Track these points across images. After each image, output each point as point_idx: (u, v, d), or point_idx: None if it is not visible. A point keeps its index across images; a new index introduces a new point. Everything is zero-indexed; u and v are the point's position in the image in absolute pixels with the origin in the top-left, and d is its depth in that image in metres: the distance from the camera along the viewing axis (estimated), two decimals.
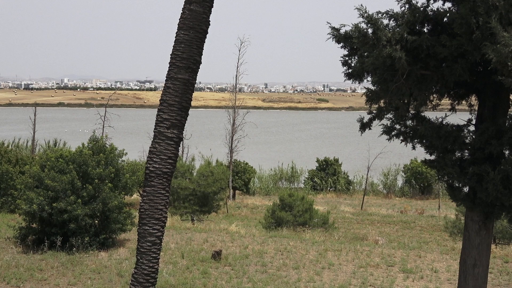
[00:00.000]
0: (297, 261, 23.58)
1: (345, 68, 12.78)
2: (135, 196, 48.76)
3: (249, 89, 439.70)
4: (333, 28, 12.30)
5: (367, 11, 11.67)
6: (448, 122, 12.98)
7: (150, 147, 13.17)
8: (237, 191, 63.46)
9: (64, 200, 23.21)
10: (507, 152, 12.46)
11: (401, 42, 11.32)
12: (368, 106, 13.17)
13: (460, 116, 13.47)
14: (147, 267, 13.22)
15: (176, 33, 13.01)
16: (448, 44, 11.09)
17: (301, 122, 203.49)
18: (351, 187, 72.69)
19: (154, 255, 13.28)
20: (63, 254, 22.75)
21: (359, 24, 11.74)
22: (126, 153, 27.86)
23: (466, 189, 13.07)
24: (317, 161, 73.01)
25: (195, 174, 41.11)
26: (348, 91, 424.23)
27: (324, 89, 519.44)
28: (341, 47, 12.48)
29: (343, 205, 56.72)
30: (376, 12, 11.79)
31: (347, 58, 12.65)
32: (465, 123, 13.10)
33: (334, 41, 12.35)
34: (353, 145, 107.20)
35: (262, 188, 71.53)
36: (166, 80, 13.14)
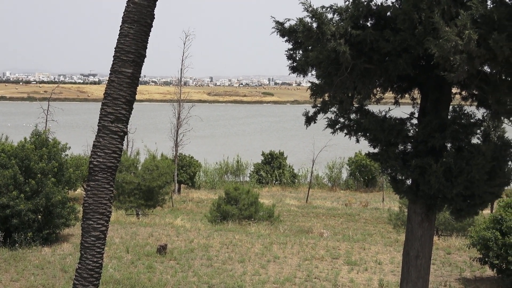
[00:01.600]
0: (243, 254, 23.63)
1: (289, 62, 12.80)
2: (79, 191, 48.27)
3: (195, 82, 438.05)
4: (277, 22, 12.32)
5: (312, 5, 11.71)
6: (392, 116, 13.13)
7: (94, 141, 12.99)
8: (182, 185, 63.19)
9: (6, 195, 22.84)
10: (449, 145, 12.65)
11: (345, 36, 11.38)
12: (313, 99, 13.23)
13: (403, 109, 13.64)
14: (91, 262, 13.06)
15: (120, 26, 12.84)
16: (392, 39, 11.19)
17: (246, 116, 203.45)
18: (296, 180, 72.90)
19: (99, 250, 13.14)
20: (5, 250, 22.41)
21: (303, 18, 11.77)
22: (70, 147, 27.63)
23: (409, 181, 13.24)
24: (263, 154, 73.07)
25: (140, 168, 40.94)
26: (293, 85, 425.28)
27: (269, 82, 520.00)
28: (286, 41, 12.51)
29: (288, 198, 56.95)
30: (321, 6, 11.83)
31: (291, 52, 12.68)
32: (408, 116, 13.27)
33: (278, 35, 12.37)
34: (298, 139, 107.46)
35: (207, 182, 71.35)
36: (110, 74, 12.97)
